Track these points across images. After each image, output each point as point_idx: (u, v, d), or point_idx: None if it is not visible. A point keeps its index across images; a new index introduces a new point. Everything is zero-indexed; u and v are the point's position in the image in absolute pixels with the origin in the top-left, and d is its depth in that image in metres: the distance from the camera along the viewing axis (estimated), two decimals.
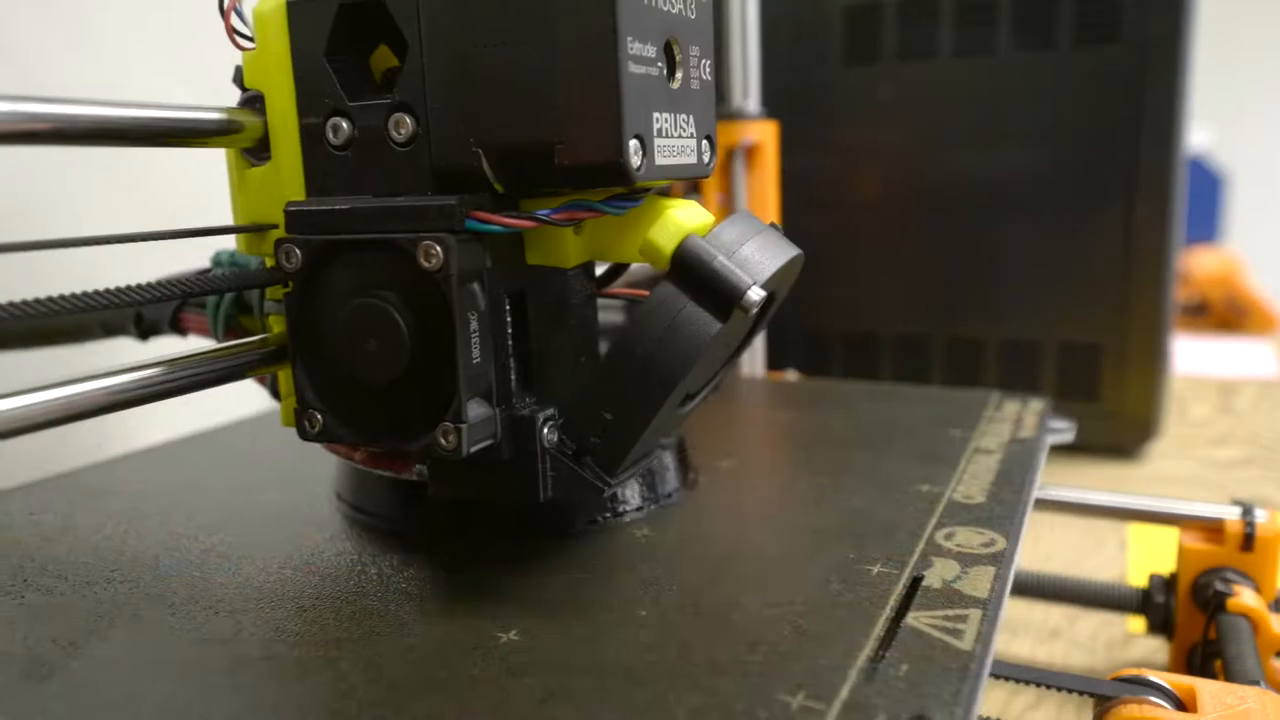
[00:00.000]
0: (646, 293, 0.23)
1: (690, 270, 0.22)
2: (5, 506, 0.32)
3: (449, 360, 0.21)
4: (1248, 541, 0.33)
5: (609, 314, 0.32)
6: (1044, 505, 0.37)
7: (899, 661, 0.19)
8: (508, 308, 0.23)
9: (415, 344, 0.21)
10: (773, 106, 0.54)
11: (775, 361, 0.63)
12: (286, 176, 0.23)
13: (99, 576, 0.25)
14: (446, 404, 0.21)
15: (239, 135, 0.23)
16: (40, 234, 0.20)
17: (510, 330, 0.23)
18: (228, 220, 0.25)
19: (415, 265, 0.21)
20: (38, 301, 0.20)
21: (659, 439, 0.25)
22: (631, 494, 0.28)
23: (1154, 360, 0.58)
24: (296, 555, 0.26)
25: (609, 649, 0.20)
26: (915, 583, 0.23)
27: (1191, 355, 0.94)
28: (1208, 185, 1.42)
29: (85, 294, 0.21)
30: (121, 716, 0.19)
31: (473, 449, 0.22)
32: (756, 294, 0.21)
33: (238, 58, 0.24)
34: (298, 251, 0.22)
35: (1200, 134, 1.39)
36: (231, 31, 0.23)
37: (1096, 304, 0.59)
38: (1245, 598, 0.31)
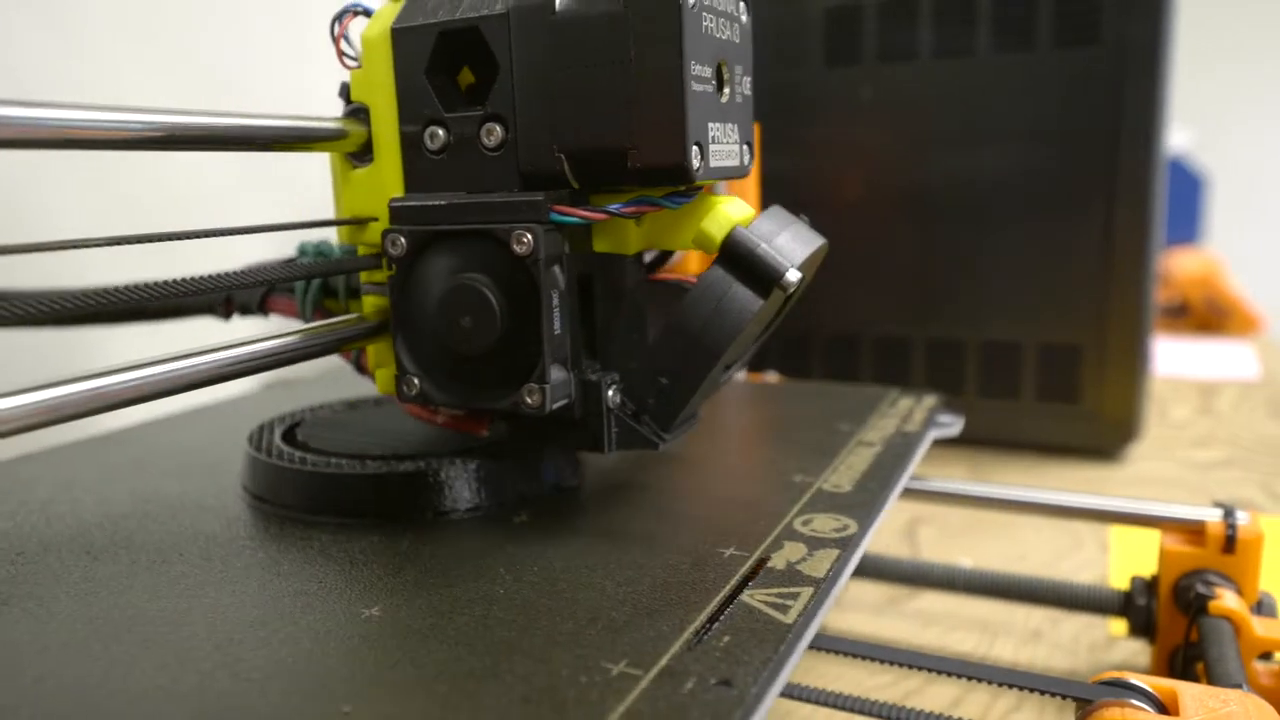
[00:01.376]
0: (693, 278, 0.30)
1: (737, 256, 0.28)
2: None
3: (533, 332, 0.28)
4: (1229, 544, 0.35)
5: None
6: (1025, 508, 0.40)
7: (723, 634, 0.22)
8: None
9: (505, 318, 0.28)
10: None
11: (756, 363, 0.67)
12: (387, 176, 0.30)
13: (3, 560, 0.29)
14: (529, 370, 0.28)
15: (345, 141, 0.30)
16: (26, 236, 0.24)
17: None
18: (211, 221, 0.29)
19: (508, 251, 0.27)
20: (170, 283, 0.26)
21: (703, 402, 0.32)
22: (516, 483, 0.33)
23: (1134, 361, 0.62)
24: (192, 542, 0.30)
25: (460, 623, 0.24)
26: (761, 564, 0.26)
27: (1172, 357, 0.99)
28: (1188, 186, 1.51)
29: (205, 277, 0.27)
30: (3, 684, 0.22)
31: (553, 406, 0.28)
32: (794, 275, 0.28)
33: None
34: (402, 239, 0.29)
35: (1180, 135, 1.47)
36: (341, 54, 0.30)
37: (1077, 305, 0.62)
38: (1227, 600, 0.33)
